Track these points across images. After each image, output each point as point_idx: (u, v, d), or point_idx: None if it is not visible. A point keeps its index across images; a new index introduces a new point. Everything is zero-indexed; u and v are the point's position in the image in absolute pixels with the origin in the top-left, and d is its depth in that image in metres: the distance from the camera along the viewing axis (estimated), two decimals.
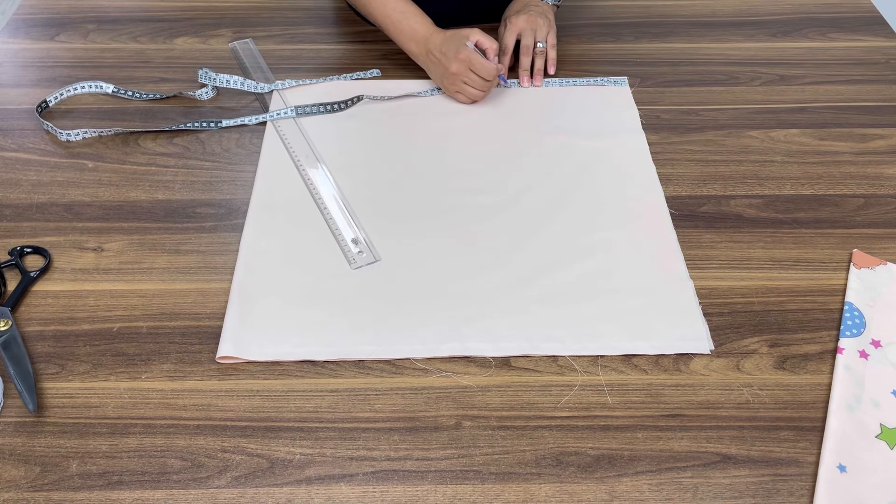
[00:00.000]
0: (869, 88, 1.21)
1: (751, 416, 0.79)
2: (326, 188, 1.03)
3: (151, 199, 1.02)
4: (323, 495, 0.73)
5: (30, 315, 0.88)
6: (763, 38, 1.32)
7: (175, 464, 0.75)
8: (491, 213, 1.00)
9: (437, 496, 0.73)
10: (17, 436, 0.77)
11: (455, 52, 1.10)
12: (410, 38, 1.16)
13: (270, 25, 1.34)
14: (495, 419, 0.79)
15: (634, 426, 0.78)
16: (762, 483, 0.74)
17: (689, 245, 0.96)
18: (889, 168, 1.07)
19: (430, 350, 0.84)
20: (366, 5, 1.18)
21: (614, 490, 0.73)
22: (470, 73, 1.11)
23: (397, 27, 1.16)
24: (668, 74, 1.24)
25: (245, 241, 0.96)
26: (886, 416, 0.78)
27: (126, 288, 0.91)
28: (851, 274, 0.92)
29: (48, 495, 0.73)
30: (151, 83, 1.21)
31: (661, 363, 0.84)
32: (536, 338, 0.85)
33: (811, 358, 0.84)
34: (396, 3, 1.16)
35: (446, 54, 1.11)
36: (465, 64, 1.10)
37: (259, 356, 0.83)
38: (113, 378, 0.82)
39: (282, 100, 1.17)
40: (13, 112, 1.16)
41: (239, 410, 0.79)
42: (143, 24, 1.34)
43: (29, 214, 1.00)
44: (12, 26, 1.34)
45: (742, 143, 1.11)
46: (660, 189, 1.03)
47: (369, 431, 0.78)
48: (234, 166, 1.07)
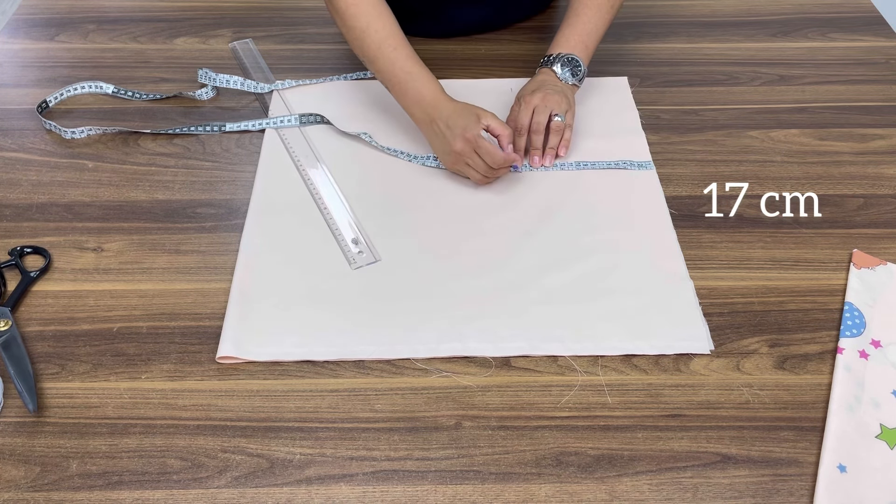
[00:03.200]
0: (869, 88, 1.21)
1: (751, 416, 0.79)
2: (326, 188, 1.03)
3: (151, 199, 1.02)
4: (323, 495, 0.73)
5: (30, 315, 0.88)
6: (763, 38, 1.32)
7: (175, 464, 0.75)
8: (491, 213, 1.00)
9: (437, 496, 0.73)
10: (17, 436, 0.77)
11: (462, 130, 0.98)
12: (416, 101, 1.03)
13: (270, 25, 1.34)
14: (495, 419, 0.79)
15: (634, 426, 0.78)
16: (762, 483, 0.74)
17: (689, 245, 0.96)
18: (889, 168, 1.07)
19: (430, 350, 0.84)
20: (373, 61, 1.06)
21: (614, 490, 0.73)
22: (475, 157, 0.99)
23: (402, 88, 1.04)
24: (668, 74, 1.24)
25: (245, 241, 0.96)
26: (886, 416, 0.78)
27: (126, 288, 0.91)
28: (851, 274, 0.92)
29: (48, 495, 0.73)
30: (151, 83, 1.21)
31: (661, 363, 0.84)
32: (536, 338, 0.85)
33: (811, 358, 0.84)
34: (405, 62, 1.04)
35: (452, 129, 0.99)
36: (471, 145, 0.98)
37: (259, 356, 0.83)
38: (113, 378, 0.82)
39: (282, 100, 1.17)
40: (13, 112, 1.16)
41: (239, 410, 0.79)
42: (143, 24, 1.34)
43: (29, 214, 1.00)
44: (12, 26, 1.34)
45: (742, 143, 1.11)
46: (660, 189, 1.03)
47: (369, 431, 0.78)
48: (234, 166, 1.07)
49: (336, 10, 1.06)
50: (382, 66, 1.05)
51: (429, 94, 1.02)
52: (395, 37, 1.05)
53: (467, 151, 0.98)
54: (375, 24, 1.05)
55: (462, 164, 1.01)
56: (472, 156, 0.99)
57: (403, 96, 1.04)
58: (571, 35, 1.10)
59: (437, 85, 1.03)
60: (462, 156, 0.99)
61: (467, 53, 1.28)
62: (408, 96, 1.04)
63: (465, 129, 0.98)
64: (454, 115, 1.00)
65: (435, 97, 1.02)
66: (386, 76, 1.05)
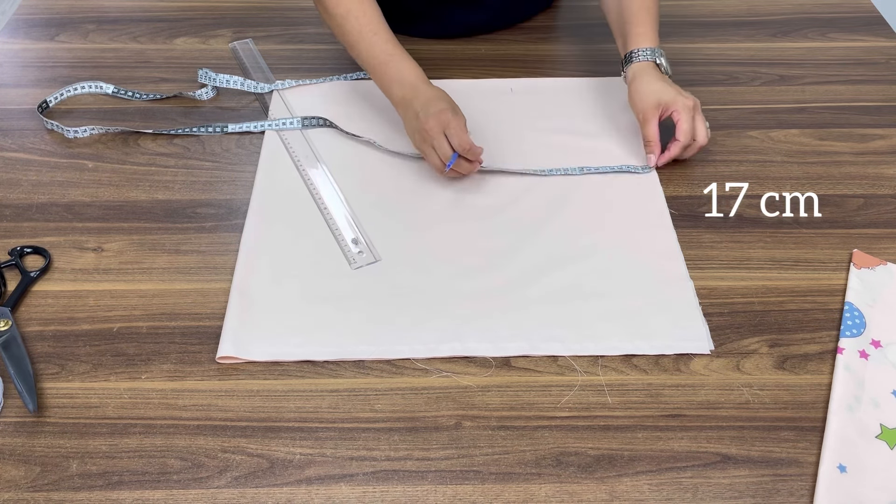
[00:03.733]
0: (869, 88, 1.21)
1: (751, 416, 0.79)
2: (326, 188, 1.03)
3: (151, 199, 1.02)
4: (323, 495, 0.73)
5: (30, 315, 0.88)
6: (763, 38, 1.32)
7: (175, 464, 0.75)
8: (491, 213, 1.00)
9: (437, 496, 0.73)
10: (17, 436, 0.77)
11: (438, 111, 0.98)
12: (396, 80, 1.03)
13: (270, 25, 1.34)
14: (495, 419, 0.79)
15: (634, 426, 0.78)
16: (762, 483, 0.74)
17: (689, 245, 0.96)
18: (889, 168, 1.07)
19: (430, 350, 0.84)
20: (353, 46, 1.07)
21: (614, 490, 0.73)
22: (441, 138, 0.97)
23: (383, 69, 1.04)
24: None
25: (245, 241, 0.96)
26: (886, 416, 0.78)
27: (126, 288, 0.91)
28: (851, 274, 0.92)
29: (48, 495, 0.73)
30: (151, 83, 1.21)
31: (662, 363, 0.84)
32: (536, 338, 0.85)
33: (811, 358, 0.84)
34: (386, 45, 1.05)
35: (426, 109, 0.98)
36: (441, 126, 0.97)
37: (259, 356, 0.83)
38: (113, 378, 0.82)
39: (282, 100, 1.17)
40: (13, 112, 1.16)
41: (239, 410, 0.79)
42: (143, 24, 1.34)
43: (29, 214, 1.00)
44: (12, 26, 1.34)
45: (742, 143, 1.11)
46: (660, 189, 1.03)
47: (369, 431, 0.78)
48: (234, 166, 1.07)
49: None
50: (363, 50, 1.06)
51: (410, 75, 1.03)
52: (376, 22, 1.06)
53: (436, 132, 0.97)
54: (356, 10, 1.06)
55: (427, 146, 0.99)
56: (439, 136, 0.97)
57: (383, 77, 1.04)
58: (649, 31, 1.10)
59: (418, 69, 1.04)
60: (430, 134, 0.98)
61: (467, 53, 1.27)
62: (388, 76, 1.04)
63: (441, 111, 0.98)
64: (434, 98, 1.00)
65: (416, 79, 1.03)
66: (366, 59, 1.06)
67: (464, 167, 1.00)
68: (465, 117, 0.99)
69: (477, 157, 0.99)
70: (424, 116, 0.98)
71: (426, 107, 0.99)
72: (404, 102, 1.02)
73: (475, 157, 0.99)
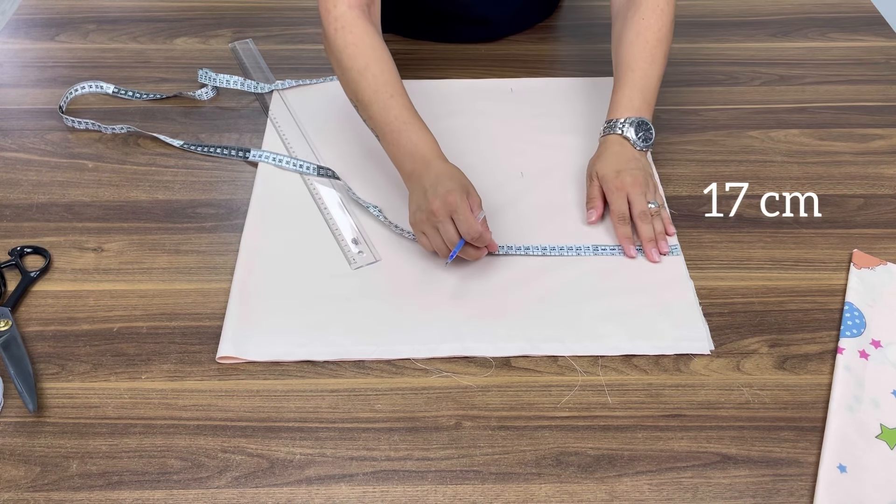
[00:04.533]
0: (869, 88, 1.21)
1: (751, 417, 0.79)
2: (326, 188, 1.03)
3: (151, 199, 1.02)
4: (323, 495, 0.73)
5: (30, 315, 0.88)
6: (763, 38, 1.32)
7: (175, 464, 0.75)
8: (491, 213, 1.00)
9: (437, 496, 0.73)
10: (17, 436, 0.77)
11: (446, 192, 0.88)
12: (408, 153, 0.94)
13: (270, 25, 1.34)
14: (495, 419, 0.79)
15: (634, 426, 0.78)
16: (762, 483, 0.74)
17: (689, 245, 0.96)
18: (889, 168, 1.07)
19: (430, 350, 0.84)
20: (367, 106, 0.98)
21: (614, 490, 0.73)
22: (447, 222, 0.88)
23: (395, 136, 0.95)
24: (668, 74, 1.22)
25: (245, 241, 0.96)
26: (886, 416, 0.78)
27: (126, 288, 0.91)
28: (851, 274, 0.92)
29: (48, 495, 0.73)
30: (151, 83, 1.21)
31: (662, 363, 0.84)
32: (536, 338, 0.85)
33: (811, 358, 0.84)
34: (402, 111, 0.95)
35: (436, 187, 0.89)
36: (448, 209, 0.87)
37: (259, 356, 0.83)
38: (113, 378, 0.82)
39: (282, 100, 1.17)
40: (13, 112, 1.16)
41: (239, 410, 0.79)
42: (143, 24, 1.34)
43: (29, 214, 1.00)
44: (12, 26, 1.34)
45: (742, 143, 1.11)
46: (660, 189, 1.03)
47: (369, 431, 0.78)
48: (234, 166, 1.07)
49: (333, 48, 1.01)
50: (376, 112, 0.97)
51: (424, 147, 0.94)
52: (393, 83, 0.98)
53: (442, 214, 0.87)
54: (374, 67, 0.98)
55: (429, 227, 0.89)
56: (444, 220, 0.88)
57: (395, 145, 0.95)
58: (634, 95, 1.02)
59: (433, 139, 0.95)
60: (435, 216, 0.88)
61: (467, 53, 1.28)
62: (400, 146, 0.95)
63: (449, 191, 0.88)
64: (444, 175, 0.90)
65: (430, 151, 0.94)
66: (379, 123, 0.97)
67: (471, 254, 0.90)
68: (479, 197, 0.90)
69: (487, 245, 0.90)
70: (432, 195, 0.88)
71: (435, 185, 0.89)
72: (414, 177, 0.93)
73: (488, 241, 0.90)
